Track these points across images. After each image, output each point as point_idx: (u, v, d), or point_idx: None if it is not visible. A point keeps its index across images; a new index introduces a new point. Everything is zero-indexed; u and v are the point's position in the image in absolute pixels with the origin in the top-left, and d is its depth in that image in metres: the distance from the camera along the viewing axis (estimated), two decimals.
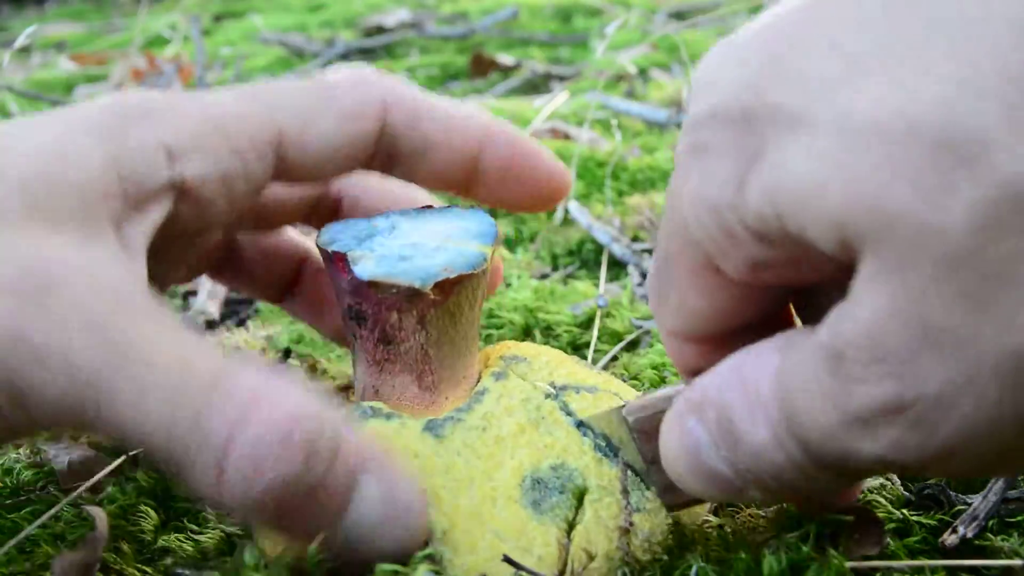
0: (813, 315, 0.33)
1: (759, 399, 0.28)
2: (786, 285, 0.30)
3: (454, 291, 0.39)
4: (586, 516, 0.35)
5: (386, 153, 0.42)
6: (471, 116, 0.43)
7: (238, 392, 0.30)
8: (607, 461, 0.37)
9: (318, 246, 0.40)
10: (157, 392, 0.30)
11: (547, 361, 0.42)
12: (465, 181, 0.43)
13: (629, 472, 0.37)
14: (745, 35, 0.28)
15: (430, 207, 0.43)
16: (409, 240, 0.40)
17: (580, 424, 0.38)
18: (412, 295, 0.38)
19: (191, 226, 0.38)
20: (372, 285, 0.38)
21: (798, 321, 0.34)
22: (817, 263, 0.26)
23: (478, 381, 0.41)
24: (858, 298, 0.24)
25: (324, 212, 0.48)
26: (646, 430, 0.35)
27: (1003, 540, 0.37)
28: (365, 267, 0.38)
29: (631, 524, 0.35)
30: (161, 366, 0.30)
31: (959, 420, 0.23)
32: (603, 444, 0.37)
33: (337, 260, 0.39)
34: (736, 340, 0.31)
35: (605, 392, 0.40)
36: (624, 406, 0.36)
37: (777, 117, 0.25)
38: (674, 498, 0.35)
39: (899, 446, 0.25)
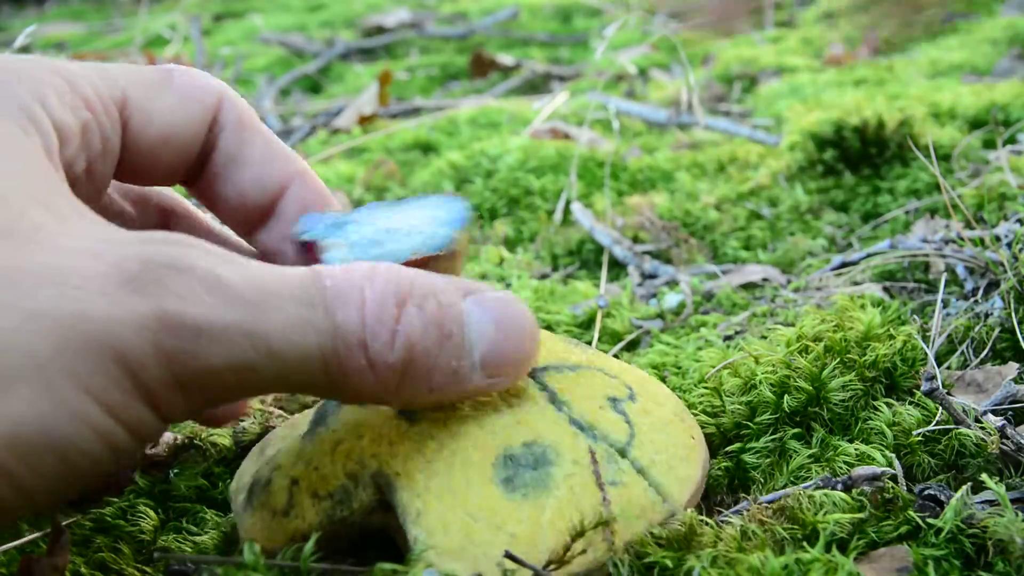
0: None
1: None
2: None
3: None
4: (560, 492, 0.35)
5: (205, 152, 0.41)
6: (289, 151, 0.43)
7: (336, 282, 0.33)
8: (582, 436, 0.37)
9: (291, 237, 0.40)
10: (289, 312, 0.31)
11: None
12: (259, 214, 0.42)
13: (603, 445, 0.37)
14: None
15: (406, 197, 0.43)
16: (383, 227, 0.40)
17: (554, 400, 0.38)
18: None
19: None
20: None
21: None
22: None
23: None
24: None
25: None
26: None
27: None
28: (336, 254, 0.38)
29: (606, 499, 0.35)
30: (278, 294, 0.31)
31: None
32: (577, 419, 0.38)
33: (309, 249, 0.39)
34: None
35: (588, 369, 0.40)
36: None
37: None
38: None
39: None
